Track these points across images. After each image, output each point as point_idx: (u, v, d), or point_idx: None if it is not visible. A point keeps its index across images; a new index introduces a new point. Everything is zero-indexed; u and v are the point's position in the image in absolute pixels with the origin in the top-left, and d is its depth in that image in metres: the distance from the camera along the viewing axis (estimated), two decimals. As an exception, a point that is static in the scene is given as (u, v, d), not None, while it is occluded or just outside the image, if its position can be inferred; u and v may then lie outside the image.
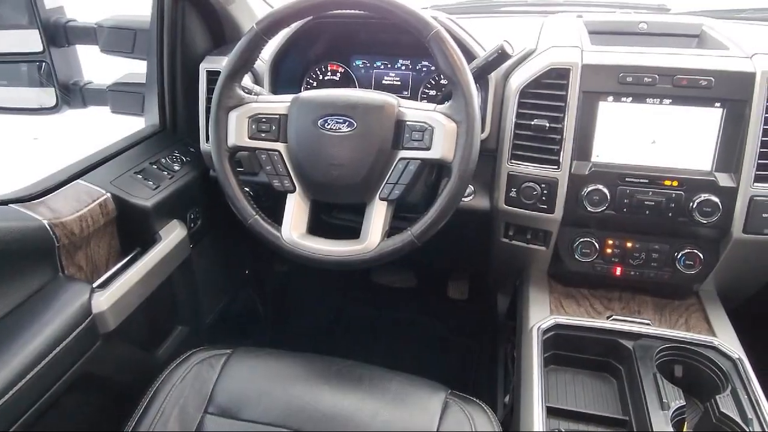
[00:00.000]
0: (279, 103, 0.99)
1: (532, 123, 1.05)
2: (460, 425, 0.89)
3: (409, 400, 0.93)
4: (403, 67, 1.30)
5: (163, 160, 1.25)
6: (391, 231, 0.97)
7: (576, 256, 1.11)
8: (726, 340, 1.01)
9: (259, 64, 1.21)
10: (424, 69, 1.29)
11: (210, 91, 1.25)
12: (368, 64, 1.32)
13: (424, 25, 0.91)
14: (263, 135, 0.98)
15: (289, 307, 1.97)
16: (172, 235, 1.20)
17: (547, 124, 1.04)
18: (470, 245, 1.39)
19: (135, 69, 1.42)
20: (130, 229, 1.14)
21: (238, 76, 0.99)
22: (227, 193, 1.00)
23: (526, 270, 1.23)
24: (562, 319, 1.05)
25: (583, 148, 1.05)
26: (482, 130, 1.10)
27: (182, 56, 1.30)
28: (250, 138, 0.98)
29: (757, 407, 0.87)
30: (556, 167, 1.05)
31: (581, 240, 1.10)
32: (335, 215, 1.25)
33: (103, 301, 0.99)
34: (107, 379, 1.08)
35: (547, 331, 1.03)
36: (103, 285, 1.04)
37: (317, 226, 1.02)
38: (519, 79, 1.07)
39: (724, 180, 0.99)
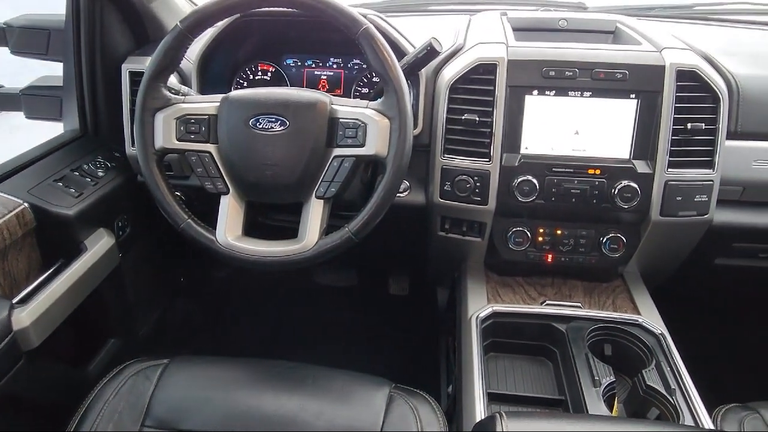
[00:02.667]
0: (208, 104, 0.96)
1: (463, 117, 1.07)
2: (405, 417, 0.90)
3: (354, 397, 0.93)
4: (335, 65, 1.30)
5: (85, 166, 1.19)
6: (328, 229, 0.96)
7: (510, 246, 1.14)
8: (649, 317, 1.07)
9: (185, 64, 1.18)
10: (356, 67, 1.29)
11: (134, 92, 1.20)
12: (299, 63, 1.31)
13: (353, 22, 0.91)
14: (192, 136, 0.95)
15: (230, 312, 1.92)
16: (99, 244, 1.14)
17: (477, 118, 1.07)
18: (408, 240, 1.40)
19: (51, 71, 1.35)
20: (51, 240, 1.07)
21: (163, 76, 0.95)
22: (157, 197, 0.96)
23: (464, 262, 1.26)
24: (499, 307, 1.08)
25: (512, 141, 1.08)
26: (415, 126, 1.12)
27: (102, 57, 1.24)
28: (178, 140, 0.95)
29: (679, 378, 0.93)
30: (487, 160, 1.08)
31: (514, 230, 1.14)
32: (272, 216, 1.24)
33: (24, 317, 0.93)
34: (33, 400, 1.02)
35: (485, 319, 1.06)
36: (24, 300, 0.97)
37: (254, 228, 1.00)
38: (448, 74, 1.09)
39: (641, 167, 1.05)
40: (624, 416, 0.93)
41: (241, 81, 1.31)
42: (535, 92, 1.06)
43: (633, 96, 1.04)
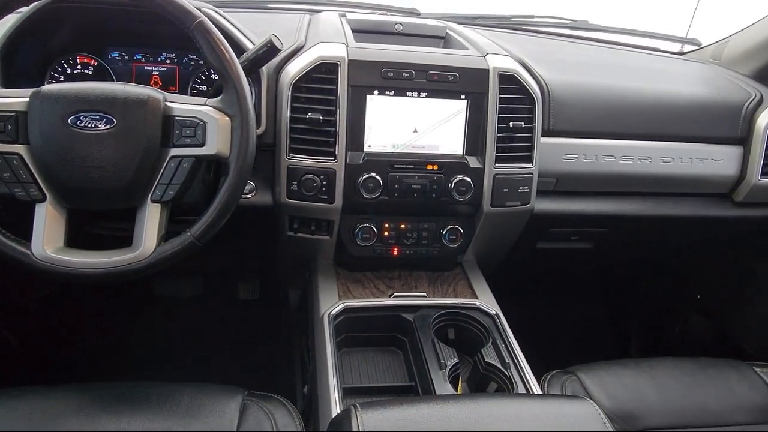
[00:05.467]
0: (15, 99, 0.85)
1: (307, 117, 1.07)
2: (260, 423, 0.88)
3: (205, 410, 0.88)
4: (168, 61, 1.22)
5: None
6: (168, 235, 0.90)
7: (358, 242, 1.17)
8: (486, 300, 1.17)
9: (-17, 54, 1.02)
10: (192, 63, 1.23)
11: None
12: (126, 57, 1.20)
13: (185, 14, 0.86)
14: None
15: (56, 336, 1.71)
16: None
17: (321, 117, 1.07)
18: (256, 243, 1.37)
19: None
20: None
21: (-50, 66, 0.82)
22: None
23: (314, 261, 1.26)
24: (350, 303, 1.10)
25: (356, 139, 1.10)
26: (258, 125, 1.09)
27: None
28: None
29: (512, 353, 1.03)
30: (332, 158, 1.09)
31: (361, 226, 1.16)
32: (102, 225, 1.12)
33: None
34: None
35: (337, 316, 1.07)
36: None
37: (80, 239, 0.90)
38: (290, 73, 1.08)
39: (473, 162, 1.14)
40: (467, 393, 1.01)
41: (57, 75, 1.17)
42: (376, 92, 1.10)
43: (463, 97, 1.12)
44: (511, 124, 1.13)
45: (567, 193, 1.30)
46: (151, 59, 1.21)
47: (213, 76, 1.22)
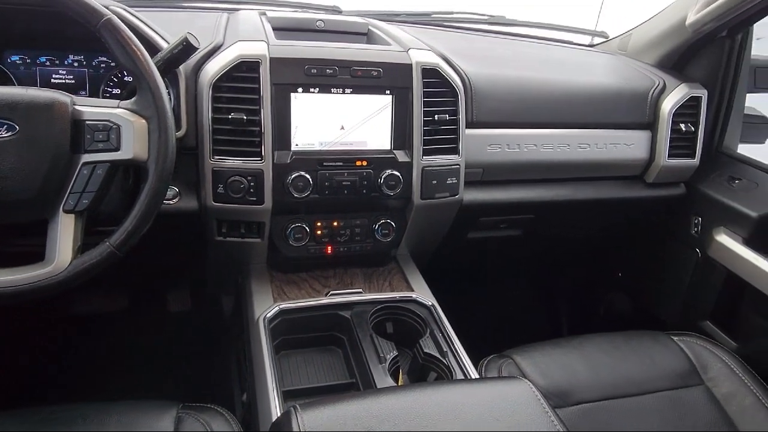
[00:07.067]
0: None
1: (230, 117, 1.04)
2: (197, 435, 0.85)
3: (136, 427, 0.84)
4: (76, 63, 1.15)
5: None
6: (86, 247, 0.85)
7: (290, 242, 1.15)
8: (421, 292, 1.18)
9: None
10: (103, 65, 1.16)
11: None
12: (29, 60, 1.13)
13: (90, 12, 0.81)
14: None
15: None
16: None
17: (245, 117, 1.05)
18: (184, 250, 1.32)
19: None
20: None
21: None
22: None
23: (246, 265, 1.23)
24: (286, 305, 1.08)
25: (282, 138, 1.09)
26: (178, 128, 1.05)
27: None
28: None
29: (449, 342, 1.04)
30: (259, 159, 1.07)
31: (293, 226, 1.15)
32: (9, 241, 1.04)
33: None
34: None
35: (272, 319, 1.05)
36: None
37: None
38: (210, 72, 1.05)
39: (401, 156, 1.15)
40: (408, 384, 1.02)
41: (-50, 82, 1.08)
42: (300, 90, 1.08)
43: (388, 92, 1.13)
44: (436, 117, 1.15)
45: (494, 183, 1.34)
46: (57, 62, 1.14)
47: (127, 79, 1.16)
